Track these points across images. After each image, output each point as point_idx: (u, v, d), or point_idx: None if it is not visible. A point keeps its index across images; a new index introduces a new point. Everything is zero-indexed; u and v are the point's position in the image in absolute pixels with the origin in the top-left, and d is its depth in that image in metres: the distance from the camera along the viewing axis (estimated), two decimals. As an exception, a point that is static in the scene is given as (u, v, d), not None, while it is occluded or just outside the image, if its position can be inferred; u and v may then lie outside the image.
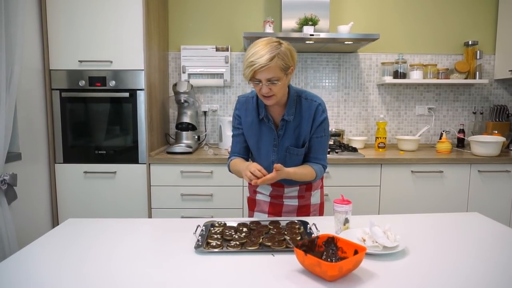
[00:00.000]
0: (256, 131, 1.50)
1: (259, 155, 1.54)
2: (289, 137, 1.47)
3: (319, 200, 1.67)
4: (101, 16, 2.33)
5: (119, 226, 1.37)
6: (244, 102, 1.52)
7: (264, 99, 1.37)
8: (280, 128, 1.47)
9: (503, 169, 2.46)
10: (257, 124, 1.49)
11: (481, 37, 3.01)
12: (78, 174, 2.42)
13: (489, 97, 3.08)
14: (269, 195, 1.61)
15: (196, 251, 1.13)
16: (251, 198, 1.68)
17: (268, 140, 1.49)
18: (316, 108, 1.45)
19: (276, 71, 1.28)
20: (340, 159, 2.39)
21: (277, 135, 1.47)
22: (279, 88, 1.33)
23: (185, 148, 2.52)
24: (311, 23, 2.57)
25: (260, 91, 1.33)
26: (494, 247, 1.18)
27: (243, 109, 1.51)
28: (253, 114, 1.49)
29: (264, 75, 1.28)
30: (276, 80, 1.30)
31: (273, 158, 1.50)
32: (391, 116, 3.08)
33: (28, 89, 2.21)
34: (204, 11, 2.95)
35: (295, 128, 1.46)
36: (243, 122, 1.52)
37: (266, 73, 1.27)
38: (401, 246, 1.12)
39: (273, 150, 1.50)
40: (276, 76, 1.29)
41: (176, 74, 2.99)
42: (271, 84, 1.30)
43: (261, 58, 1.26)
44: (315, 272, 0.96)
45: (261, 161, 1.53)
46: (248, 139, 1.54)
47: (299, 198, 1.59)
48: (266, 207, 1.61)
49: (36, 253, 1.13)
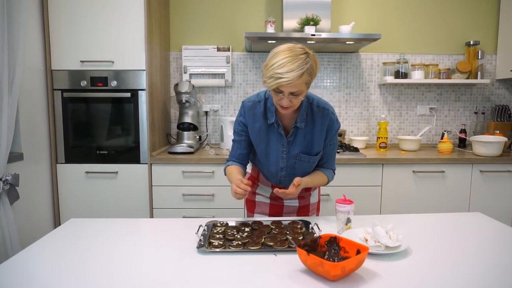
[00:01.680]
0: (264, 137, 1.46)
1: (267, 161, 1.49)
2: (299, 144, 1.44)
3: (317, 199, 1.68)
4: (102, 17, 2.33)
5: (120, 226, 1.37)
6: (251, 108, 1.45)
7: (281, 109, 1.33)
8: (290, 135, 1.43)
9: (505, 169, 2.45)
10: (265, 130, 1.44)
11: (482, 37, 3.01)
12: (80, 174, 2.42)
13: (491, 97, 3.07)
14: (269, 196, 1.60)
15: (198, 251, 1.13)
16: (250, 199, 1.66)
17: (277, 146, 1.45)
18: (330, 117, 1.44)
19: (301, 86, 1.25)
20: (341, 159, 2.39)
21: (286, 141, 1.44)
22: (299, 101, 1.31)
23: (187, 148, 2.52)
24: (313, 23, 2.57)
25: (280, 101, 1.29)
26: (496, 247, 1.18)
27: (250, 115, 1.45)
28: (261, 120, 1.44)
29: (288, 89, 1.24)
30: (299, 94, 1.27)
31: (282, 164, 1.47)
32: (393, 116, 3.07)
33: (30, 89, 2.21)
34: (205, 11, 2.95)
35: (306, 135, 1.43)
36: (250, 129, 1.46)
37: (292, 87, 1.23)
38: (403, 246, 1.12)
39: (282, 157, 1.46)
40: (300, 90, 1.26)
41: (177, 74, 2.99)
42: (293, 97, 1.27)
43: (290, 74, 1.20)
44: (318, 272, 0.96)
45: (269, 167, 1.50)
46: (256, 145, 1.49)
47: (299, 198, 1.59)
48: (266, 208, 1.60)
49: (38, 253, 1.13)
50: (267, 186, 1.60)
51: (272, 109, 1.41)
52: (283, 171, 1.49)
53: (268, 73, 1.24)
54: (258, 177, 1.62)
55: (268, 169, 1.51)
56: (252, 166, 1.66)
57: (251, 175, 1.66)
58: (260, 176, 1.61)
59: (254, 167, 1.65)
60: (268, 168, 1.50)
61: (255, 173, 1.63)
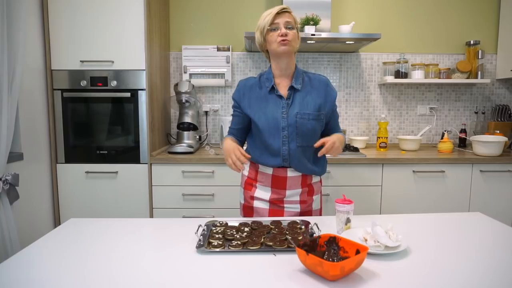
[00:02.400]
0: (263, 103, 1.50)
1: (267, 124, 1.48)
2: (298, 105, 1.49)
3: (319, 206, 1.64)
4: (102, 16, 2.33)
5: (120, 226, 1.37)
6: (246, 82, 1.56)
7: (280, 44, 1.42)
8: (288, 97, 1.49)
9: (505, 169, 2.45)
10: (264, 97, 1.51)
11: (483, 36, 3.01)
12: (79, 174, 2.42)
13: (491, 97, 3.07)
14: (268, 200, 1.55)
15: (198, 251, 1.13)
16: (247, 205, 1.60)
17: (277, 108, 1.48)
18: (326, 83, 1.54)
19: (292, 18, 1.44)
20: (341, 159, 2.39)
21: (286, 103, 1.48)
22: (294, 36, 1.43)
23: (187, 148, 2.52)
24: (313, 23, 2.57)
25: (278, 36, 1.41)
26: (496, 247, 1.18)
27: (246, 88, 1.55)
28: (257, 90, 1.53)
29: (283, 18, 1.42)
30: (292, 27, 1.43)
31: (284, 124, 1.47)
32: (393, 115, 3.07)
33: (30, 89, 2.21)
34: (205, 11, 2.95)
35: (304, 97, 1.50)
36: (247, 102, 1.53)
37: (285, 17, 1.42)
38: (403, 246, 1.12)
39: (282, 117, 1.48)
40: (292, 22, 1.44)
41: (177, 74, 2.99)
42: (288, 29, 1.42)
43: (279, 6, 1.44)
44: (317, 272, 0.96)
45: (270, 131, 1.48)
46: (254, 114, 1.50)
47: (301, 203, 1.56)
48: (265, 214, 1.55)
49: (38, 253, 1.13)
50: (267, 182, 1.54)
51: (270, 77, 1.51)
52: (285, 130, 1.47)
53: (262, 21, 1.45)
54: (256, 177, 1.58)
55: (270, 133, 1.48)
56: (250, 165, 1.62)
57: (248, 177, 1.62)
58: (259, 174, 1.57)
59: (252, 166, 1.61)
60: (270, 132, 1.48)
61: (253, 174, 1.60)
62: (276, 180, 1.54)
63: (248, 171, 1.62)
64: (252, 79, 1.56)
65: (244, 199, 1.63)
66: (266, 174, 1.55)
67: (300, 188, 1.55)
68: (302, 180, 1.55)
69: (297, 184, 1.54)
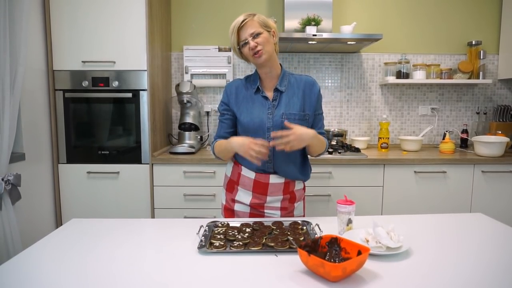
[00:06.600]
0: (249, 103, 1.50)
1: (252, 124, 1.48)
2: (284, 106, 1.48)
3: (302, 212, 1.62)
4: (104, 17, 2.34)
5: (122, 226, 1.37)
6: (232, 84, 1.56)
7: (254, 58, 1.42)
8: (274, 99, 1.49)
9: (507, 170, 2.44)
10: (250, 98, 1.51)
11: (484, 37, 3.00)
12: (81, 174, 2.42)
13: (493, 97, 3.06)
14: (249, 204, 1.53)
15: (199, 251, 1.13)
16: (228, 207, 1.59)
17: (262, 109, 1.48)
18: (313, 82, 1.53)
19: (255, 25, 1.42)
20: (342, 160, 2.38)
21: (271, 104, 1.48)
22: (264, 41, 1.41)
23: (188, 148, 2.52)
24: (314, 23, 2.57)
25: (249, 49, 1.41)
26: (497, 248, 1.18)
27: (232, 90, 1.53)
28: (243, 91, 1.52)
29: (246, 31, 1.41)
30: (259, 32, 1.41)
31: (269, 124, 1.47)
32: (394, 116, 3.07)
33: (32, 89, 2.22)
34: (206, 12, 2.95)
35: (290, 99, 1.49)
36: (234, 102, 1.52)
37: (248, 28, 1.41)
38: (404, 247, 1.12)
39: (268, 117, 1.47)
40: (257, 30, 1.41)
41: (179, 74, 3.00)
42: (255, 38, 1.40)
43: (239, 18, 1.43)
44: (319, 272, 0.96)
45: (256, 130, 1.47)
46: (240, 113, 1.50)
47: (281, 210, 1.53)
48: (245, 218, 1.53)
49: (40, 253, 1.13)
50: (248, 186, 1.52)
51: (255, 78, 1.52)
52: (270, 131, 1.45)
53: (230, 38, 1.44)
54: (238, 180, 1.56)
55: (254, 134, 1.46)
56: (233, 165, 1.59)
57: (231, 179, 1.59)
58: (241, 177, 1.54)
59: (235, 167, 1.57)
60: (255, 132, 1.47)
61: (235, 176, 1.57)
62: (258, 185, 1.52)
63: (231, 173, 1.60)
64: (238, 80, 1.56)
65: (226, 200, 1.62)
66: (248, 178, 1.53)
67: (282, 195, 1.52)
68: (284, 187, 1.52)
69: (279, 191, 1.52)
